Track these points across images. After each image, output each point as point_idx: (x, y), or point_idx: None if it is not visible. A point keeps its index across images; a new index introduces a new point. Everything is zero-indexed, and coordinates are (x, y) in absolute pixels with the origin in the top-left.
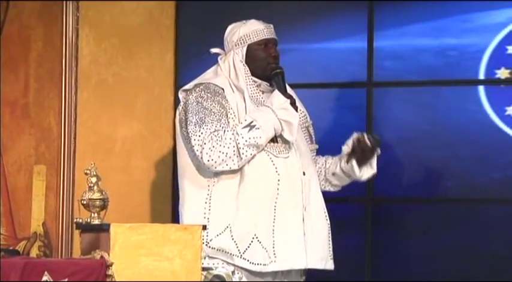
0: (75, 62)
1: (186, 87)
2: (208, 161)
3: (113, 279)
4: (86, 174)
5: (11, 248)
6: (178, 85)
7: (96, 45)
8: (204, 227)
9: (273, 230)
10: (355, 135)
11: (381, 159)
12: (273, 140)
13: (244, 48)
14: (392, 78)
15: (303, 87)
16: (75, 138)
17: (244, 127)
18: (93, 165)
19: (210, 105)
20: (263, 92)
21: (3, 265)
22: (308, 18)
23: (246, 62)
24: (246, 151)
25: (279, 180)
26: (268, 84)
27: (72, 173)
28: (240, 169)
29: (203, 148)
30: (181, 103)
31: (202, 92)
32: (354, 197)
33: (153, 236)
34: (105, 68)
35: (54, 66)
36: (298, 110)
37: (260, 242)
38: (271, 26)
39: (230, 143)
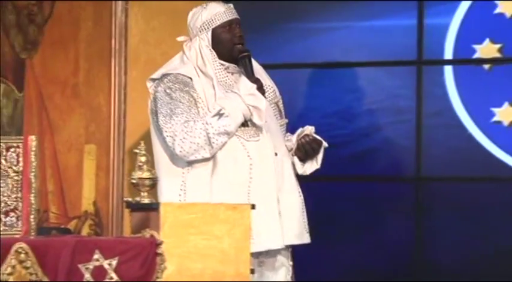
0: (124, 41)
1: (154, 76)
2: (180, 152)
3: (163, 258)
4: (136, 153)
5: (62, 226)
6: None
7: (145, 24)
8: (253, 207)
9: None
10: (299, 132)
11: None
12: (244, 124)
13: (209, 33)
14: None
15: (352, 66)
16: (124, 117)
17: (214, 116)
18: (142, 144)
19: (179, 95)
20: (232, 74)
21: (55, 243)
22: None
23: (212, 47)
24: (217, 140)
25: (251, 164)
26: (236, 65)
27: (122, 152)
28: (214, 156)
29: (175, 139)
30: (151, 94)
31: (171, 83)
32: (401, 176)
33: (203, 215)
34: (154, 47)
35: (104, 46)
36: (267, 85)
37: None
38: (231, 5)
39: (201, 133)
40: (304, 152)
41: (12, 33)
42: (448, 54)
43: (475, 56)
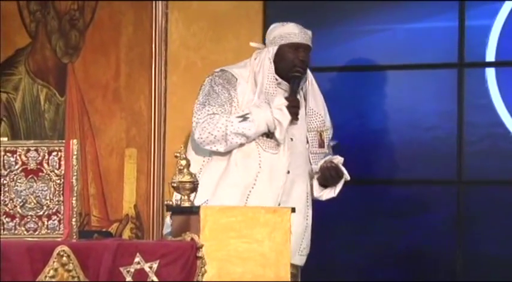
0: (165, 46)
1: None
2: (198, 138)
3: (203, 261)
4: (176, 157)
5: (103, 229)
6: None
7: (185, 29)
8: (293, 210)
9: None
10: (327, 158)
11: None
12: (268, 135)
13: (276, 48)
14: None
15: (393, 69)
16: (165, 121)
17: (238, 117)
18: (182, 148)
19: (219, 90)
20: (284, 91)
21: (96, 246)
22: None
23: (274, 60)
24: (232, 138)
25: (258, 173)
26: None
27: (162, 156)
28: (231, 154)
29: (197, 126)
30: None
31: (217, 78)
32: (443, 179)
33: (243, 219)
34: (194, 51)
35: (144, 51)
36: (314, 112)
37: None
38: (309, 33)
39: (220, 128)
40: (323, 176)
41: (54, 38)
42: (490, 56)
43: None
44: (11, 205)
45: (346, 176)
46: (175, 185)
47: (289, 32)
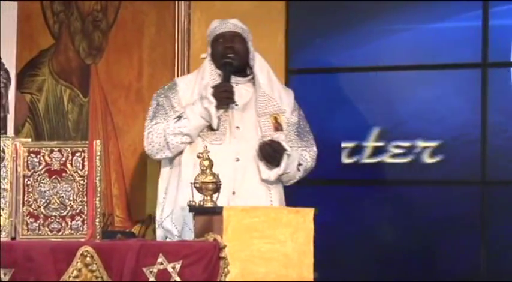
0: (187, 46)
1: None
2: (146, 151)
3: (226, 262)
4: (199, 157)
5: (127, 230)
6: (289, 68)
7: (207, 29)
8: (316, 209)
9: None
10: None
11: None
12: (212, 128)
13: (209, 48)
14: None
15: (415, 69)
16: None
17: (174, 118)
18: (205, 148)
19: (162, 100)
20: (237, 84)
21: (119, 247)
22: None
23: (213, 59)
24: (172, 140)
25: None
26: (241, 77)
27: None
28: (182, 155)
29: (144, 139)
30: None
31: (160, 90)
32: (467, 180)
33: (265, 219)
34: None
35: (167, 51)
36: (269, 98)
37: (187, 225)
38: (231, 21)
39: (160, 133)
40: (262, 155)
41: (77, 39)
42: None
43: None
44: (35, 205)
45: (287, 149)
46: (198, 185)
47: (211, 28)
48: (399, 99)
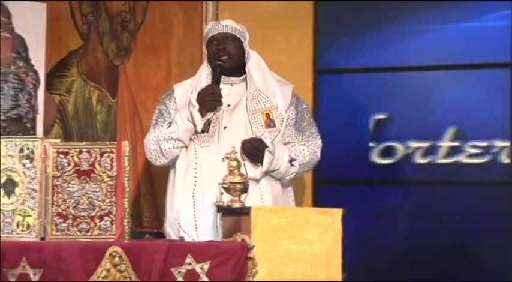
0: None
1: None
2: (148, 158)
3: (254, 262)
4: (227, 158)
5: (155, 230)
6: (317, 69)
7: None
8: (344, 211)
9: (195, 217)
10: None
11: None
12: (203, 130)
13: (206, 51)
14: None
15: (444, 69)
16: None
17: (167, 124)
18: (233, 149)
19: (162, 108)
20: (232, 85)
21: (148, 247)
22: None
23: (208, 62)
24: (165, 145)
25: (195, 169)
26: (236, 77)
27: None
28: (177, 160)
29: (145, 147)
30: None
31: (160, 98)
32: (500, 180)
33: (293, 219)
34: None
35: (195, 52)
36: (262, 94)
37: (182, 228)
38: (224, 22)
39: (154, 140)
40: (244, 154)
41: (106, 40)
42: None
43: None
44: (64, 206)
45: (268, 146)
46: (226, 186)
47: (206, 31)
48: (426, 98)
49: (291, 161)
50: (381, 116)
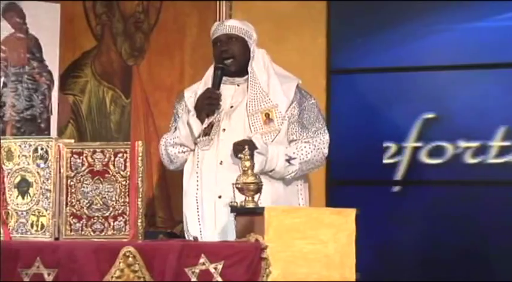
0: None
1: None
2: (164, 164)
3: (268, 262)
4: (240, 158)
5: (168, 230)
6: (330, 69)
7: None
8: (357, 211)
9: (199, 222)
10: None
11: None
12: (206, 134)
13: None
14: None
15: (457, 69)
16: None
17: (173, 130)
18: (246, 149)
19: (175, 112)
20: (238, 85)
21: (161, 247)
22: None
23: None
24: (171, 151)
25: (197, 173)
26: (242, 78)
27: None
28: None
29: (159, 153)
30: None
31: (174, 103)
32: None
33: (307, 219)
34: None
35: (209, 52)
36: (264, 94)
37: (189, 232)
38: (227, 23)
39: (162, 147)
40: (235, 153)
41: (120, 40)
42: None
43: None
44: (78, 206)
45: (258, 148)
46: (239, 186)
47: (211, 33)
48: (441, 98)
49: (289, 160)
50: (430, 115)
